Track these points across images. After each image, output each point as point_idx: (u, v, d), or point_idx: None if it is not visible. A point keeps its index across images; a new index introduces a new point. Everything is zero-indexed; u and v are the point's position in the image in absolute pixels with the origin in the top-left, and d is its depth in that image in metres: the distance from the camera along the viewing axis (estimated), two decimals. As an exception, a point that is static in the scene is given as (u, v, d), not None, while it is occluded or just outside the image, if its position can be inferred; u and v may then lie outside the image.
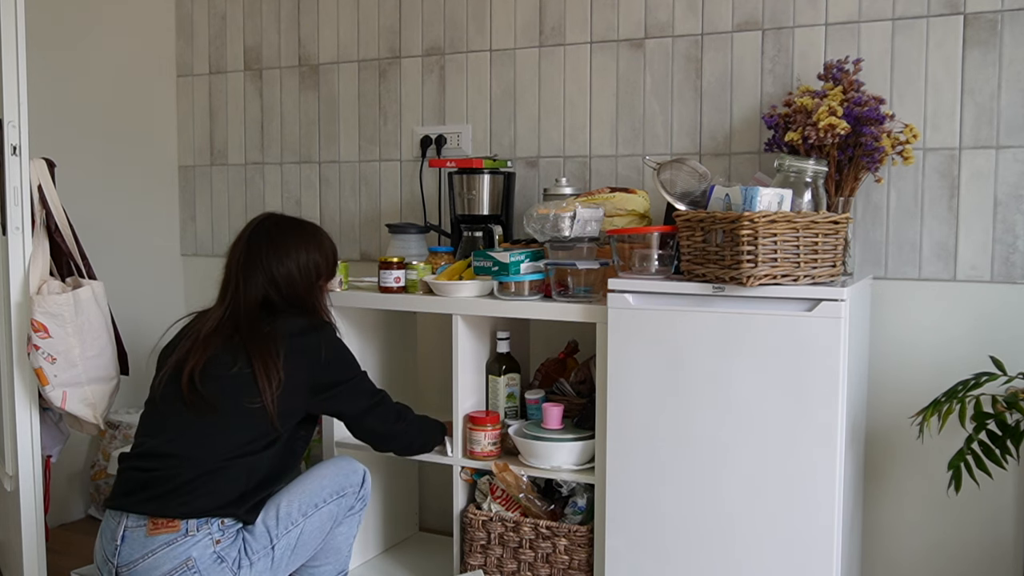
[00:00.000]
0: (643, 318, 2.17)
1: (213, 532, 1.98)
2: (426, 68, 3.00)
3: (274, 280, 2.18)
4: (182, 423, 2.05)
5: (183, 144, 3.49)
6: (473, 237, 2.67)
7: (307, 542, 2.14)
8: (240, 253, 2.21)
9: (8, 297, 2.41)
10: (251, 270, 2.18)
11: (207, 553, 1.97)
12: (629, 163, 2.72)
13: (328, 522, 2.18)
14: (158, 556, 1.96)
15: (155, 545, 1.96)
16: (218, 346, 2.09)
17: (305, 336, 2.13)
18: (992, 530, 2.37)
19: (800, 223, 2.03)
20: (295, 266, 2.20)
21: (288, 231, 2.25)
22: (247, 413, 2.04)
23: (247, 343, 2.07)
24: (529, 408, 2.54)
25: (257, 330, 2.10)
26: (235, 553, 2.01)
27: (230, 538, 2.01)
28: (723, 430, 2.10)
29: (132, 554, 1.98)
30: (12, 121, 2.33)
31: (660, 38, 2.66)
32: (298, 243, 2.23)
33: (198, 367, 2.05)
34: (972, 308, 2.36)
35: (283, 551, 2.08)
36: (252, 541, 2.04)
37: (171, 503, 1.98)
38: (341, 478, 2.21)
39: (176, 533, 1.96)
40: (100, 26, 3.22)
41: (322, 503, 2.16)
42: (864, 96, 2.26)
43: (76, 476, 3.24)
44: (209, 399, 2.03)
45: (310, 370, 2.12)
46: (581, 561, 2.33)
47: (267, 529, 2.06)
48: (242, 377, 2.05)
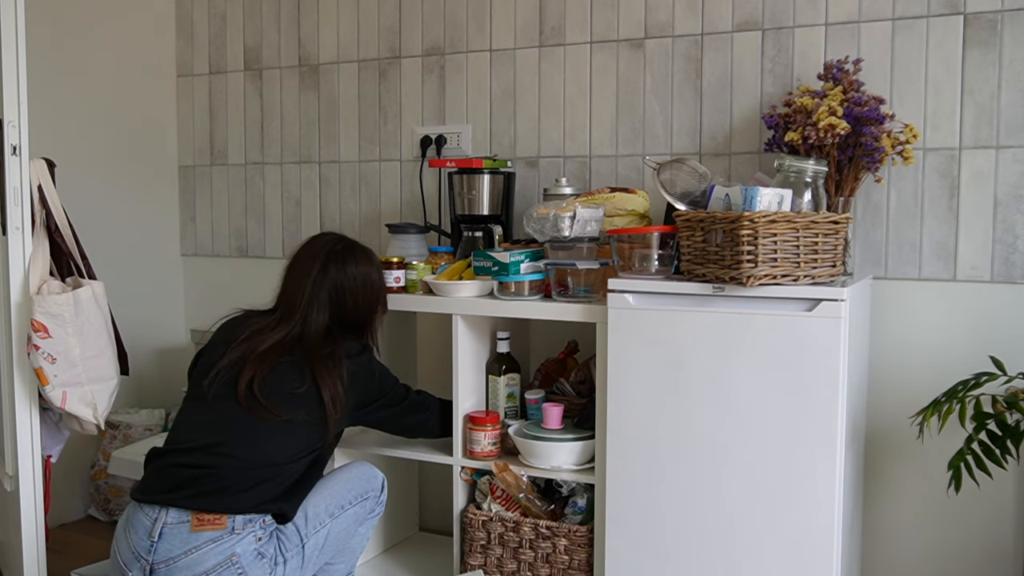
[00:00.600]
0: (643, 318, 2.17)
1: (256, 529, 2.03)
2: (426, 68, 3.00)
3: (342, 302, 2.25)
4: (237, 425, 2.08)
5: (183, 144, 3.49)
6: (473, 237, 2.67)
7: (333, 542, 2.20)
8: (316, 273, 2.24)
9: (8, 297, 2.41)
10: (326, 293, 2.23)
11: (250, 549, 2.01)
12: (629, 163, 2.72)
13: (352, 523, 2.24)
14: (202, 552, 1.97)
15: (199, 541, 1.98)
16: (280, 360, 2.14)
17: (359, 358, 2.23)
18: (992, 530, 2.37)
19: (800, 223, 2.03)
20: (364, 295, 2.29)
21: (361, 255, 2.32)
22: (302, 425, 2.11)
23: (313, 364, 2.14)
24: (529, 408, 2.54)
25: (320, 351, 2.16)
26: (272, 550, 2.06)
27: (268, 536, 2.06)
28: (723, 430, 2.10)
29: (172, 550, 1.98)
30: (12, 121, 2.33)
31: (660, 38, 2.66)
32: (369, 270, 2.32)
33: (258, 378, 2.10)
34: (972, 308, 2.36)
35: (312, 549, 2.13)
36: (285, 540, 2.09)
37: (221, 499, 2.01)
38: (364, 482, 2.28)
39: (222, 530, 1.99)
40: (100, 26, 3.22)
41: (348, 505, 2.22)
42: (864, 96, 2.26)
43: (76, 476, 3.24)
44: (269, 408, 2.08)
45: (363, 391, 2.23)
46: (581, 561, 2.33)
47: (297, 528, 2.11)
48: (309, 397, 2.12)
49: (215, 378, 2.13)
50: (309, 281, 2.23)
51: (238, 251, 3.41)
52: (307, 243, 2.33)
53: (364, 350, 2.27)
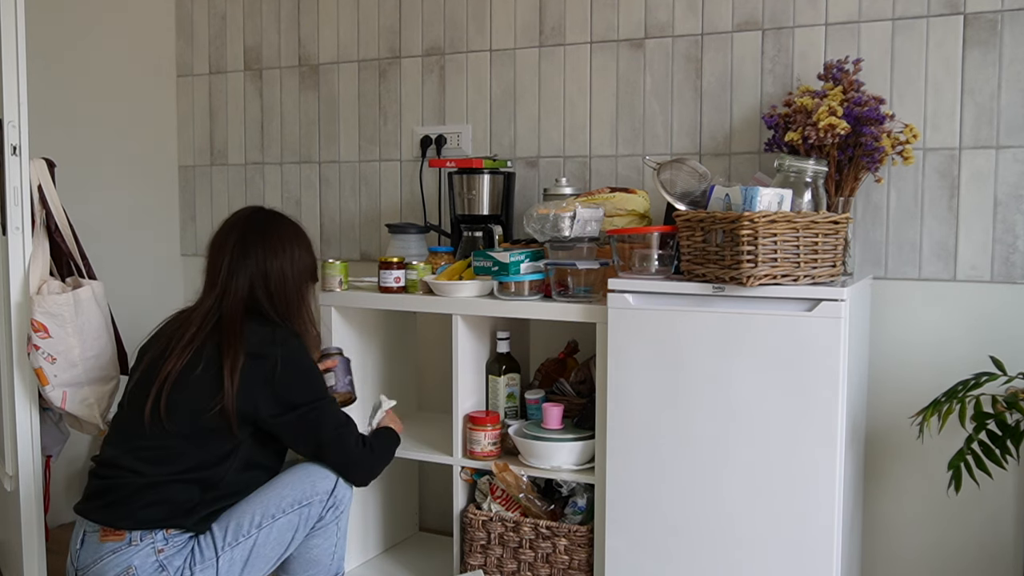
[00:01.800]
0: (643, 318, 2.16)
1: (157, 542, 1.95)
2: (426, 68, 3.00)
3: (266, 276, 2.08)
4: (139, 434, 2.00)
5: (183, 144, 3.49)
6: (473, 237, 2.67)
7: (263, 554, 2.03)
8: (233, 245, 2.09)
9: (8, 297, 2.41)
10: (244, 263, 2.08)
11: (148, 562, 1.94)
12: (629, 163, 2.72)
13: (288, 533, 2.05)
14: (105, 563, 1.95)
15: (103, 552, 1.96)
16: (197, 349, 2.00)
17: (275, 347, 2.01)
18: (992, 530, 2.37)
19: (800, 223, 2.03)
20: (289, 264, 2.11)
21: (283, 226, 2.16)
22: (205, 427, 1.97)
23: (219, 343, 1.99)
24: (529, 408, 2.54)
25: (232, 331, 2.01)
26: (179, 562, 1.96)
27: (176, 547, 1.96)
28: (723, 430, 2.10)
29: (87, 559, 1.97)
30: (12, 121, 2.33)
31: (660, 38, 2.66)
32: (293, 240, 2.15)
33: (173, 374, 1.97)
34: (972, 308, 2.36)
35: (228, 563, 1.98)
36: (199, 552, 1.97)
37: (118, 514, 1.97)
38: (306, 486, 2.07)
39: (121, 542, 1.95)
40: (100, 26, 3.22)
41: (280, 513, 2.03)
42: (864, 96, 2.26)
43: (76, 476, 3.24)
44: (172, 414, 1.96)
45: (275, 385, 2.00)
46: (581, 561, 2.33)
47: (214, 540, 1.98)
48: (207, 379, 1.96)
49: (135, 382, 2.06)
50: (226, 254, 2.09)
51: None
52: (225, 220, 2.17)
53: (282, 341, 2.03)
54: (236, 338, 2.00)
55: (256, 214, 2.18)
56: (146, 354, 2.10)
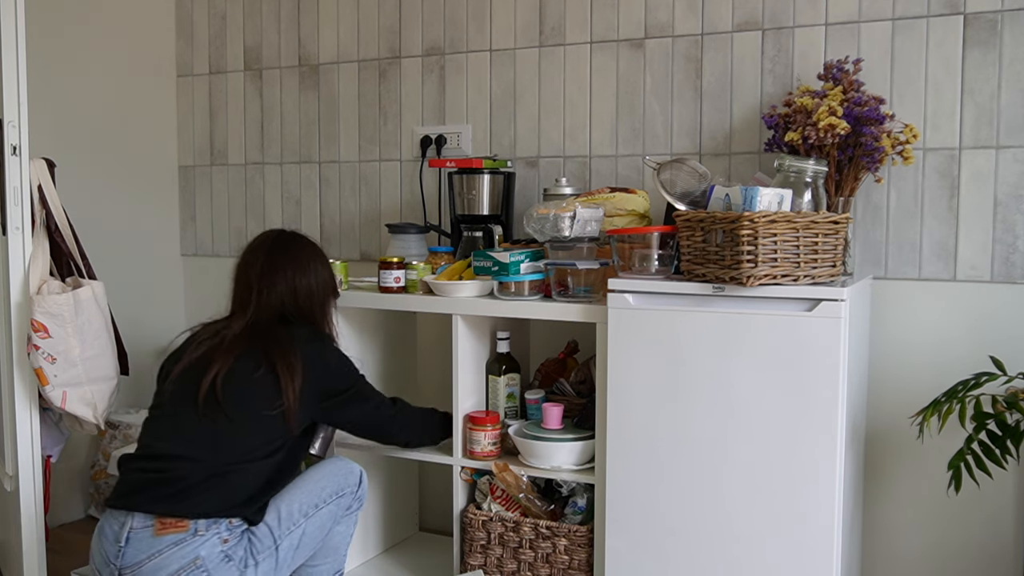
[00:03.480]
0: (643, 318, 2.16)
1: (221, 532, 2.01)
2: (426, 68, 3.00)
3: (295, 292, 2.24)
4: (195, 426, 2.07)
5: (183, 144, 3.49)
6: (473, 237, 2.67)
7: (308, 542, 2.18)
8: (261, 264, 2.25)
9: (8, 297, 2.41)
10: (273, 281, 2.23)
11: (215, 552, 1.99)
12: (629, 163, 2.72)
13: (328, 522, 2.22)
14: (165, 556, 1.97)
15: (162, 545, 1.97)
16: (241, 352, 2.13)
17: (313, 343, 2.21)
18: (992, 530, 2.37)
19: (800, 223, 2.03)
20: (314, 280, 2.28)
21: (305, 247, 2.32)
22: (261, 419, 2.09)
23: (268, 348, 2.13)
24: (529, 408, 2.54)
25: (277, 336, 2.16)
26: (241, 552, 2.04)
27: (236, 538, 2.04)
28: (723, 430, 2.10)
29: (137, 555, 1.98)
30: (12, 121, 2.33)
31: (660, 38, 2.66)
32: (315, 258, 2.31)
33: (222, 373, 2.09)
34: (972, 308, 2.36)
35: (287, 551, 2.11)
36: (256, 541, 2.07)
37: (181, 503, 2.00)
38: (339, 479, 2.25)
39: (185, 533, 1.98)
40: (100, 26, 3.22)
41: (322, 503, 2.19)
42: (864, 96, 2.26)
43: (76, 476, 3.24)
44: (226, 404, 2.07)
45: (321, 377, 2.18)
46: (581, 561, 2.33)
47: (270, 529, 2.09)
48: (265, 381, 2.10)
49: (176, 380, 2.14)
50: (255, 273, 2.24)
51: (238, 251, 3.35)
52: (249, 243, 2.33)
53: (317, 337, 2.25)
54: (283, 340, 2.15)
55: (281, 236, 2.33)
56: (179, 359, 2.17)
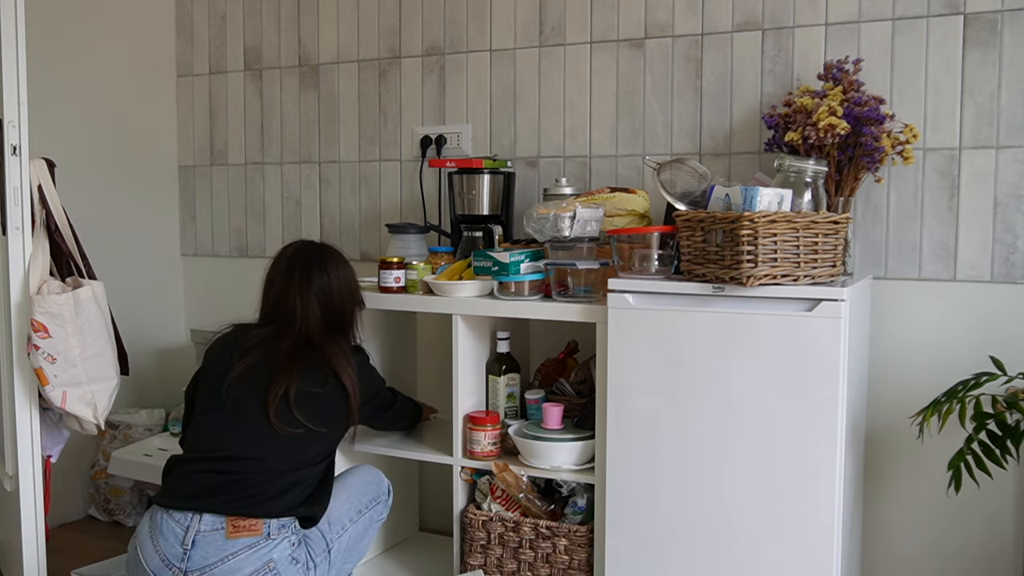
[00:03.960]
0: (643, 318, 2.17)
1: (289, 535, 2.06)
2: (426, 68, 3.00)
3: (331, 303, 2.26)
4: (266, 432, 2.09)
5: (183, 144, 3.49)
6: (473, 237, 2.67)
7: (352, 545, 2.25)
8: (299, 278, 2.25)
9: (8, 297, 2.41)
10: (309, 292, 2.24)
11: (285, 555, 2.04)
12: (629, 163, 2.72)
13: (368, 527, 2.30)
14: (239, 559, 1.98)
15: (236, 548, 1.98)
16: (304, 366, 2.16)
17: (358, 355, 2.30)
18: (992, 530, 2.37)
19: (800, 223, 2.03)
20: (347, 293, 2.31)
21: (334, 257, 2.34)
22: (325, 427, 2.15)
23: (330, 362, 2.18)
24: (529, 408, 2.54)
25: (332, 350, 2.21)
26: (302, 555, 2.10)
27: (297, 541, 2.10)
28: (723, 430, 2.10)
29: (207, 557, 1.97)
30: (12, 121, 2.33)
31: (660, 38, 2.66)
32: (345, 270, 2.34)
33: (293, 385, 2.11)
34: (972, 308, 2.36)
35: (337, 553, 2.19)
36: (312, 544, 2.13)
37: (256, 505, 2.03)
38: (374, 487, 2.35)
39: (259, 536, 2.01)
40: (100, 26, 3.22)
41: (365, 509, 2.28)
42: (864, 96, 2.26)
43: (76, 476, 3.24)
44: (299, 415, 2.10)
45: (367, 386, 2.30)
46: (581, 561, 2.33)
47: (322, 533, 2.16)
48: (334, 393, 2.17)
49: (234, 384, 2.13)
50: (295, 288, 2.24)
51: (238, 251, 3.41)
52: (281, 253, 2.33)
53: (358, 348, 2.34)
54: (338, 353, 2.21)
55: (310, 247, 2.34)
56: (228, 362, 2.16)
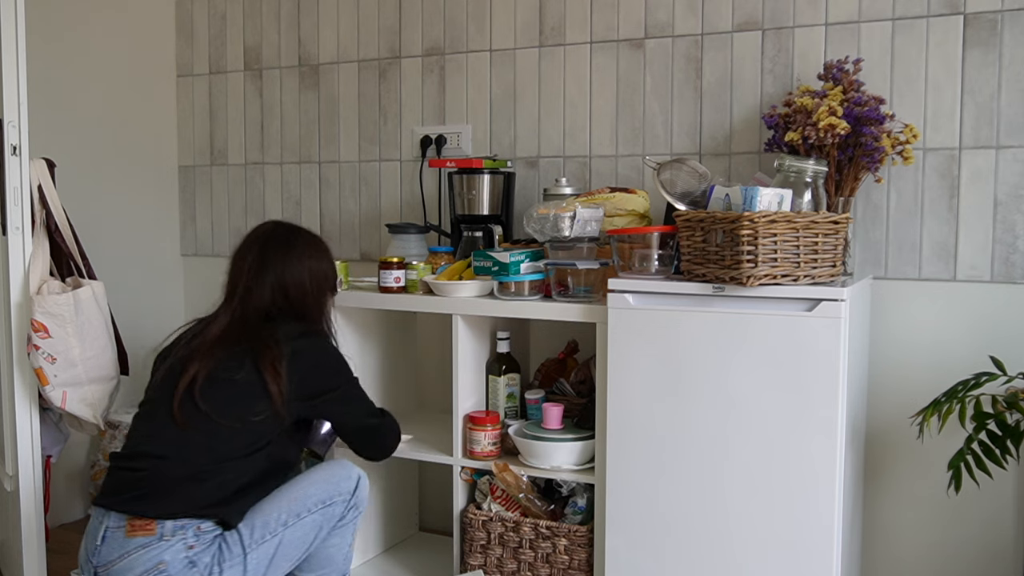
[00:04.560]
0: (643, 318, 2.16)
1: (188, 538, 1.96)
2: (426, 68, 3.00)
3: (284, 287, 2.17)
4: (174, 426, 2.02)
5: (183, 144, 3.49)
6: (473, 237, 2.67)
7: (287, 553, 2.07)
8: (253, 258, 2.18)
9: (8, 297, 2.41)
10: (263, 275, 2.16)
11: (179, 557, 1.94)
12: (629, 163, 2.72)
13: (312, 532, 2.11)
14: (132, 558, 1.94)
15: (131, 547, 1.95)
16: (224, 352, 2.06)
17: (301, 340, 2.12)
18: (992, 530, 2.37)
19: (800, 223, 2.03)
20: (307, 274, 2.20)
21: (300, 239, 2.24)
22: (243, 420, 2.02)
23: (253, 347, 2.06)
24: (529, 408, 2.54)
25: (260, 335, 2.08)
26: (208, 559, 1.97)
27: (205, 544, 1.98)
28: (723, 430, 2.10)
29: (110, 554, 1.96)
30: (12, 121, 2.33)
31: (660, 38, 2.66)
32: (311, 251, 2.23)
33: (202, 373, 2.03)
34: (972, 308, 2.36)
35: (256, 562, 2.02)
36: (226, 549, 2.00)
37: (151, 504, 1.97)
38: (331, 486, 2.14)
39: (151, 537, 1.95)
40: (100, 26, 3.22)
41: (306, 512, 2.08)
42: (864, 96, 2.26)
43: (76, 476, 3.24)
44: (206, 406, 2.01)
45: (308, 376, 2.11)
46: (581, 561, 2.33)
47: (241, 538, 2.01)
48: (249, 381, 2.03)
49: (160, 380, 2.09)
50: (246, 266, 2.17)
51: (238, 248, 3.40)
52: (249, 232, 2.26)
53: (306, 333, 2.16)
54: (267, 338, 2.07)
55: (277, 228, 2.26)
56: (167, 357, 2.14)
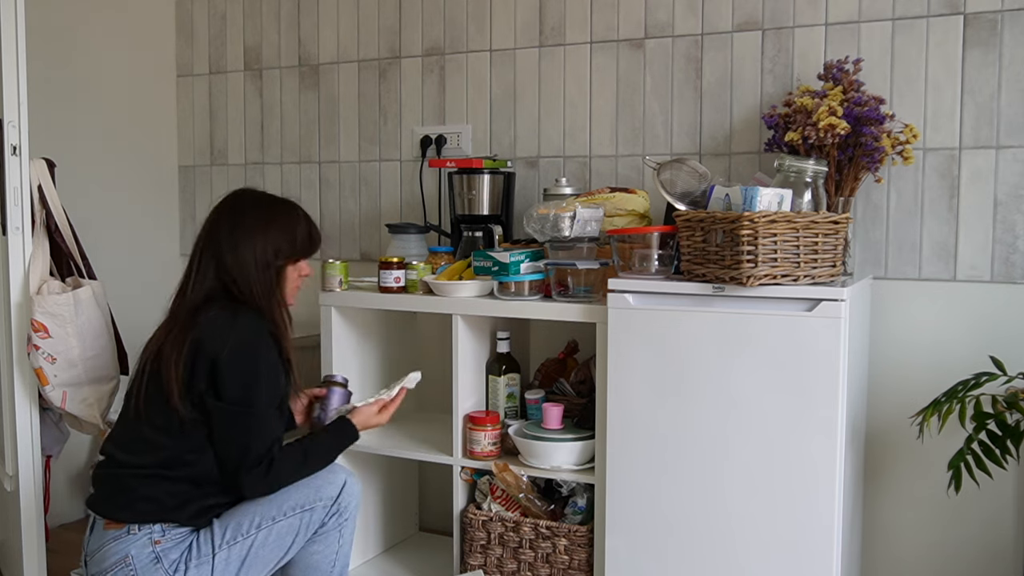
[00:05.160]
0: (643, 318, 2.16)
1: (154, 533, 1.94)
2: (426, 68, 3.00)
3: (226, 269, 1.98)
4: (128, 429, 2.02)
5: (183, 144, 3.49)
6: (473, 237, 2.67)
7: (261, 556, 1.99)
8: (203, 232, 2.02)
9: (8, 297, 2.41)
10: (209, 251, 2.00)
11: (144, 552, 1.93)
12: (629, 163, 2.72)
13: (288, 537, 2.01)
14: (106, 549, 1.96)
15: (106, 539, 1.97)
16: (159, 345, 1.97)
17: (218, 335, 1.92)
18: (992, 530, 2.37)
19: (800, 223, 2.03)
20: (251, 253, 1.99)
21: (250, 209, 2.02)
22: (175, 417, 1.93)
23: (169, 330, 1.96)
24: (529, 408, 2.54)
25: (187, 322, 1.95)
26: (176, 555, 1.94)
27: (174, 540, 1.95)
28: (723, 430, 2.10)
29: (93, 544, 2.00)
30: (12, 121, 2.33)
31: (660, 38, 2.66)
32: (260, 224, 2.00)
33: (147, 367, 1.97)
34: (972, 308, 2.36)
35: (224, 562, 1.95)
36: (196, 547, 1.95)
37: (115, 504, 1.98)
38: (310, 491, 2.03)
39: (120, 530, 1.96)
40: (100, 26, 3.22)
41: (281, 516, 1.99)
42: (864, 96, 2.26)
43: (76, 476, 3.24)
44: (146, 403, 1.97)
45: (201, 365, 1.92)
46: (581, 561, 2.33)
47: (212, 537, 1.95)
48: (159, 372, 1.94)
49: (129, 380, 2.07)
50: (199, 240, 2.03)
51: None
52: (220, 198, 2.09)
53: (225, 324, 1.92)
54: (185, 330, 1.94)
55: (230, 198, 2.07)
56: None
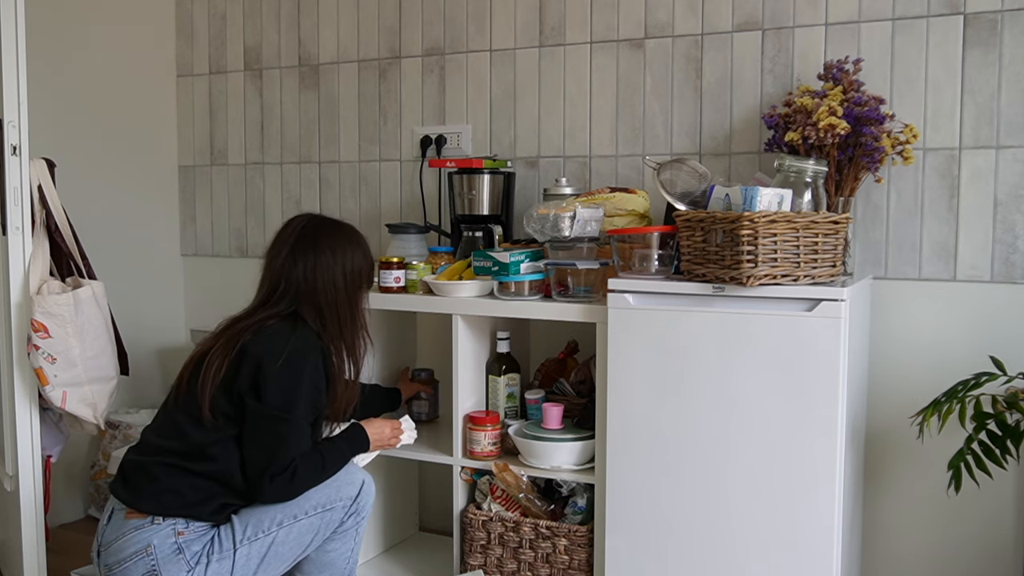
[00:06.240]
0: (643, 318, 2.16)
1: (178, 524, 1.99)
2: (426, 68, 3.00)
3: (315, 290, 2.07)
4: (165, 413, 2.10)
5: (183, 144, 3.49)
6: (473, 237, 2.67)
7: (280, 553, 2.05)
8: (284, 253, 2.10)
9: (8, 297, 2.41)
10: (293, 275, 2.08)
11: (168, 542, 1.97)
12: (629, 163, 2.72)
13: (308, 535, 2.07)
14: (126, 539, 1.99)
15: (127, 528, 1.99)
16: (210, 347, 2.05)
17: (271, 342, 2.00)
18: (992, 530, 2.37)
19: (800, 223, 2.03)
20: (340, 273, 2.10)
21: (333, 233, 2.13)
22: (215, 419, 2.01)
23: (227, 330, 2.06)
24: (529, 408, 2.54)
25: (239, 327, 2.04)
26: (198, 548, 1.98)
27: (197, 533, 2.00)
28: (723, 430, 2.10)
29: (111, 535, 2.02)
30: (12, 121, 2.33)
31: (660, 38, 2.66)
32: (344, 246, 2.12)
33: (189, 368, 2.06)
34: (972, 308, 2.36)
35: (244, 558, 2.00)
36: (219, 541, 2.00)
37: (139, 496, 2.02)
38: (331, 491, 2.08)
39: (144, 520, 1.99)
40: (100, 26, 3.22)
41: (303, 515, 2.05)
42: (864, 96, 2.26)
43: (76, 476, 3.24)
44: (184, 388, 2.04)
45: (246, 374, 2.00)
46: (581, 561, 2.33)
47: (233, 533, 2.00)
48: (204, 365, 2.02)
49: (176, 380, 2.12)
50: (279, 263, 2.10)
51: (238, 251, 3.40)
52: (280, 228, 2.17)
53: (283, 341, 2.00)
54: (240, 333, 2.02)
55: (308, 223, 2.15)
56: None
